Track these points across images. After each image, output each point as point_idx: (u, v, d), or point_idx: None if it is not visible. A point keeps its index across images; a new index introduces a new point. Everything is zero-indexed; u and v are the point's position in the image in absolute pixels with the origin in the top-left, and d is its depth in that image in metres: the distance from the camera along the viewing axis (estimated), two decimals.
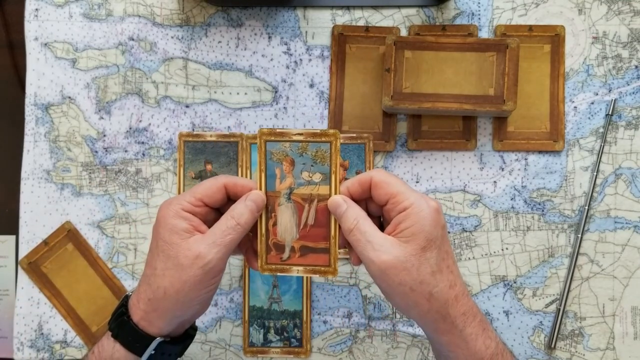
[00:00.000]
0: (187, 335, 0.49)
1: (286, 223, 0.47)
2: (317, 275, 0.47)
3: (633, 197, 0.60)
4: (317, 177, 0.46)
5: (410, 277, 0.42)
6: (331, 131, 0.45)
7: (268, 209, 0.47)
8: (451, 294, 0.43)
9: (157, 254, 0.44)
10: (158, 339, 0.45)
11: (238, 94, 0.62)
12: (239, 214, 0.45)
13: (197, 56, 0.62)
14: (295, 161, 0.46)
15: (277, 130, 0.46)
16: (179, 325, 0.47)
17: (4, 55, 0.65)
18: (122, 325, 0.45)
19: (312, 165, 0.46)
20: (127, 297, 0.47)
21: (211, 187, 0.46)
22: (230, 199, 0.47)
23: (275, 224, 0.47)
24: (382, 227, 0.46)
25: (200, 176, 0.61)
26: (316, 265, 0.47)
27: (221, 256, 0.44)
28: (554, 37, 0.61)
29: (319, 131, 0.45)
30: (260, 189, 0.46)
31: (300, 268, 0.47)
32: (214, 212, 0.47)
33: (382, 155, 0.61)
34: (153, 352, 0.45)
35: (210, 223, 0.46)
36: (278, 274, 0.47)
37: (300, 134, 0.45)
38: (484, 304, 0.61)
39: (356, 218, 0.44)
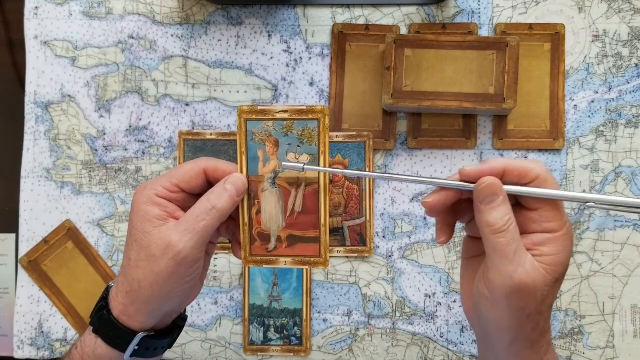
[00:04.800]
0: (175, 326, 0.46)
1: (271, 210, 0.43)
2: (307, 267, 0.43)
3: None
4: (304, 159, 0.42)
5: (534, 305, 0.38)
6: (319, 107, 0.41)
7: (251, 195, 0.43)
8: (547, 326, 0.41)
9: (131, 244, 0.41)
10: (141, 334, 0.42)
11: (238, 92, 0.62)
12: (216, 197, 0.41)
13: (197, 54, 0.62)
14: (279, 142, 0.42)
15: (259, 108, 0.42)
16: (165, 317, 0.44)
17: (3, 54, 0.64)
18: (102, 320, 0.42)
19: (298, 146, 0.42)
20: (108, 289, 0.44)
21: (189, 172, 0.42)
22: (211, 185, 0.43)
23: (259, 212, 0.43)
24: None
25: None
26: (305, 256, 0.43)
27: (194, 245, 0.40)
28: (554, 36, 0.61)
29: (305, 107, 0.41)
30: (242, 174, 0.42)
31: (288, 259, 0.43)
32: (193, 198, 0.43)
33: (382, 154, 0.61)
34: (137, 347, 0.42)
35: (188, 210, 0.42)
36: (264, 266, 0.43)
37: (285, 112, 0.41)
38: None
39: (510, 218, 0.38)
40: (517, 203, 0.40)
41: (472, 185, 0.39)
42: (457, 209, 0.42)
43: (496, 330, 0.40)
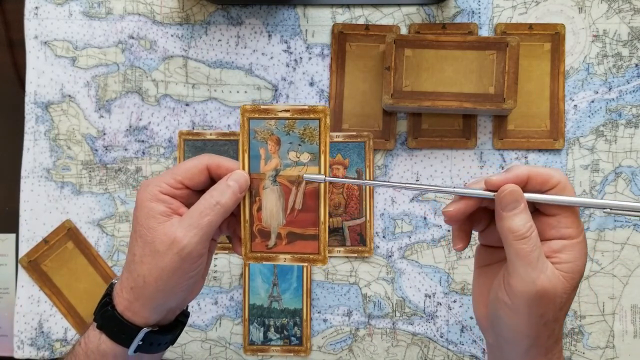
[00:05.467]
0: (178, 322, 0.46)
1: (272, 208, 0.43)
2: (306, 264, 0.43)
3: (633, 196, 0.60)
4: (305, 158, 0.43)
5: (552, 312, 0.39)
6: (320, 107, 0.42)
7: (252, 192, 0.43)
8: (561, 334, 0.41)
9: (136, 239, 0.42)
10: (145, 330, 0.42)
11: (238, 92, 0.62)
12: (219, 193, 0.41)
13: (197, 54, 0.62)
14: (281, 140, 0.43)
15: (262, 107, 0.42)
16: (168, 313, 0.44)
17: (3, 54, 0.64)
18: (106, 316, 0.43)
19: (299, 145, 0.42)
20: (112, 285, 0.45)
21: (192, 169, 0.43)
22: (214, 181, 0.44)
23: (259, 209, 0.43)
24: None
25: None
26: (304, 253, 0.44)
27: (198, 240, 0.41)
28: (554, 36, 0.61)
29: (307, 107, 0.42)
30: (244, 171, 0.43)
31: (288, 256, 0.44)
32: (196, 194, 0.43)
33: (382, 154, 0.61)
34: (141, 342, 0.43)
35: (191, 206, 0.43)
36: (263, 262, 0.44)
37: (287, 111, 0.42)
38: None
39: (532, 224, 0.39)
40: (535, 210, 0.41)
41: (492, 194, 0.40)
42: (472, 217, 0.43)
43: (513, 337, 0.41)
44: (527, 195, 0.39)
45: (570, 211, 0.40)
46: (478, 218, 0.43)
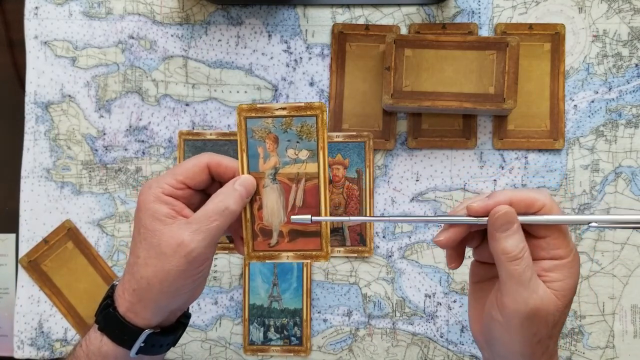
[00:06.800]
0: (179, 324, 0.46)
1: (272, 206, 0.44)
2: (309, 261, 0.44)
3: (633, 196, 0.60)
4: (303, 155, 0.43)
5: (545, 330, 0.39)
6: (316, 103, 0.42)
7: None
8: (556, 349, 0.42)
9: (140, 242, 0.42)
10: (147, 331, 0.42)
11: (238, 92, 0.62)
12: (228, 198, 0.41)
13: (197, 54, 0.62)
14: (279, 138, 0.43)
15: (258, 106, 0.42)
16: (170, 314, 0.44)
17: (3, 54, 0.64)
18: (108, 318, 0.43)
19: (297, 142, 0.43)
20: (113, 287, 0.44)
21: (193, 168, 0.43)
22: (215, 180, 0.44)
23: (260, 208, 0.44)
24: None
25: None
26: (307, 250, 0.44)
27: (206, 244, 0.41)
28: (554, 36, 0.61)
29: (303, 104, 0.42)
30: (242, 170, 0.43)
31: (290, 254, 0.44)
32: (198, 194, 0.44)
33: (382, 154, 0.61)
34: (142, 344, 0.43)
35: (194, 206, 0.43)
36: (266, 261, 0.44)
37: (283, 109, 0.42)
38: None
39: (525, 245, 0.39)
40: (525, 231, 0.41)
41: (484, 219, 0.40)
42: (465, 236, 0.43)
43: (508, 355, 0.41)
44: (521, 217, 0.40)
45: (559, 232, 0.40)
46: (471, 236, 0.44)
